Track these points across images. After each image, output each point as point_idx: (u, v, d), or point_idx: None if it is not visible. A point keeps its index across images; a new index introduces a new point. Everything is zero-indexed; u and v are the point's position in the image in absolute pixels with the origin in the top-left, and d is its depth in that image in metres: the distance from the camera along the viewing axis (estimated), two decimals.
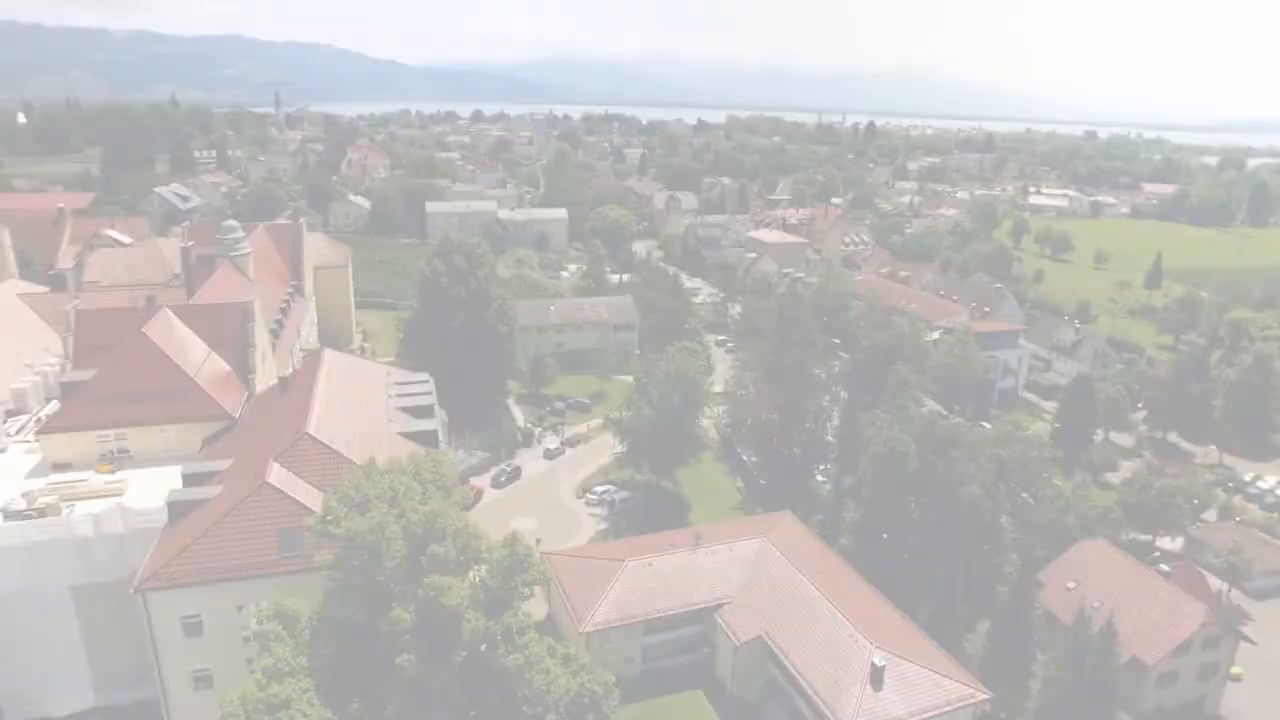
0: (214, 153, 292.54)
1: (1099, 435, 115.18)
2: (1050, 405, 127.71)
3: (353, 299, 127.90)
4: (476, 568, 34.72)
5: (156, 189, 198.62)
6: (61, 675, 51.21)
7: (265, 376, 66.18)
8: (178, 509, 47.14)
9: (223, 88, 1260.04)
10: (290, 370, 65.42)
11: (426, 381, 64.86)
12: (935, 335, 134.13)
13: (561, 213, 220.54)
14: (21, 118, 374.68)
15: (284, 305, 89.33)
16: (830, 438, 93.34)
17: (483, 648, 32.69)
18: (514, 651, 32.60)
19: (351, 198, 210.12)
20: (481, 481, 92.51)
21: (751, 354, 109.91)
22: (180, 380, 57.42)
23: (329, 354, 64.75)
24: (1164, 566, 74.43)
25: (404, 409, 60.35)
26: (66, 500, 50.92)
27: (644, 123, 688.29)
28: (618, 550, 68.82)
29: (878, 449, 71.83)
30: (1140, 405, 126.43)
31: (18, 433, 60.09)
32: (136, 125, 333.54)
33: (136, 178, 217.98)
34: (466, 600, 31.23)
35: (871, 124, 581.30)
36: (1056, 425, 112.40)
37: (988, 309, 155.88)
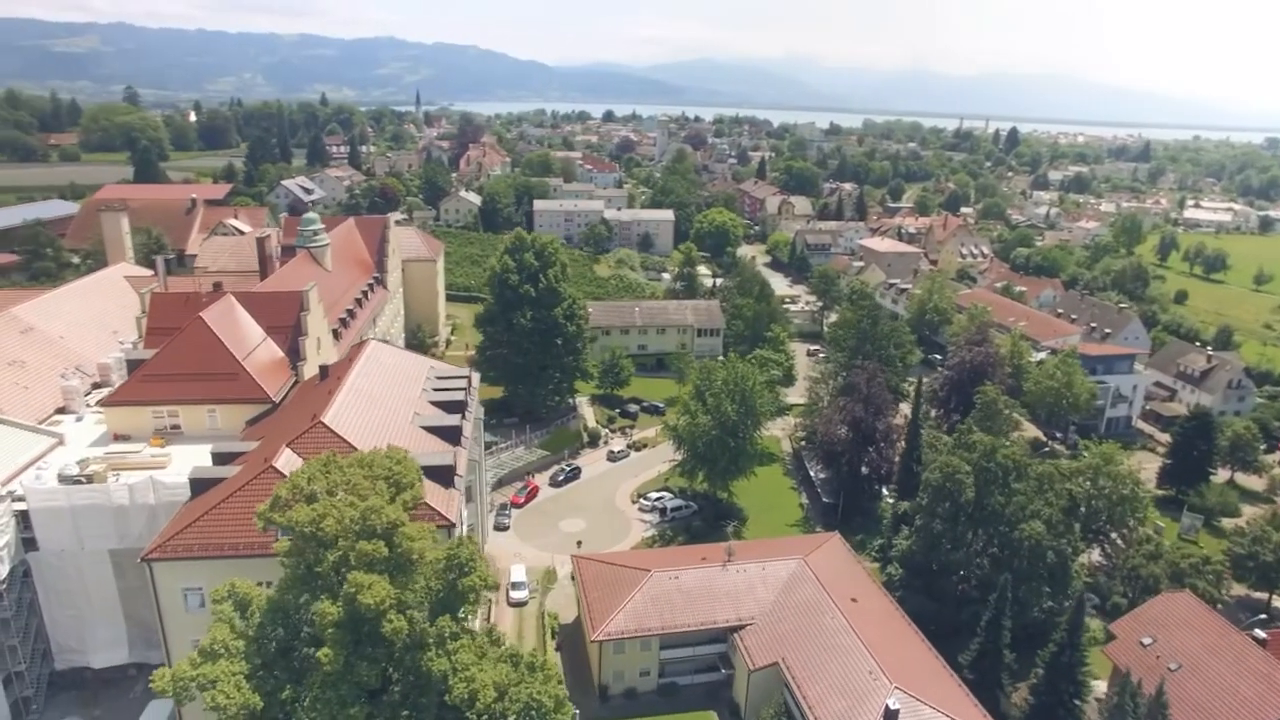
0: (347, 148, 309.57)
1: (1222, 476, 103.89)
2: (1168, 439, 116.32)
3: (443, 292, 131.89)
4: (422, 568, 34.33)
5: (284, 181, 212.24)
6: (101, 631, 54.96)
7: (324, 363, 68.76)
8: (198, 485, 49.55)
9: (374, 86, 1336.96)
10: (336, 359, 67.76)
11: (464, 377, 65.55)
12: (1041, 356, 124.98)
13: (668, 214, 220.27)
14: (192, 116, 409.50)
15: (360, 296, 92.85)
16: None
17: (407, 650, 32.27)
18: (441, 657, 32.01)
19: (463, 194, 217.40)
20: (540, 479, 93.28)
21: (829, 366, 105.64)
22: (229, 363, 60.53)
23: (373, 344, 66.54)
24: (1259, 632, 65.74)
25: (436, 403, 61.25)
26: (114, 469, 54.54)
27: (775, 125, 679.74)
28: (646, 560, 67.37)
29: (932, 475, 67.28)
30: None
31: (96, 404, 64.94)
32: (286, 122, 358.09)
33: (274, 170, 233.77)
34: (391, 599, 30.82)
35: (1013, 130, 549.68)
36: (1167, 461, 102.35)
37: (1108, 330, 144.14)
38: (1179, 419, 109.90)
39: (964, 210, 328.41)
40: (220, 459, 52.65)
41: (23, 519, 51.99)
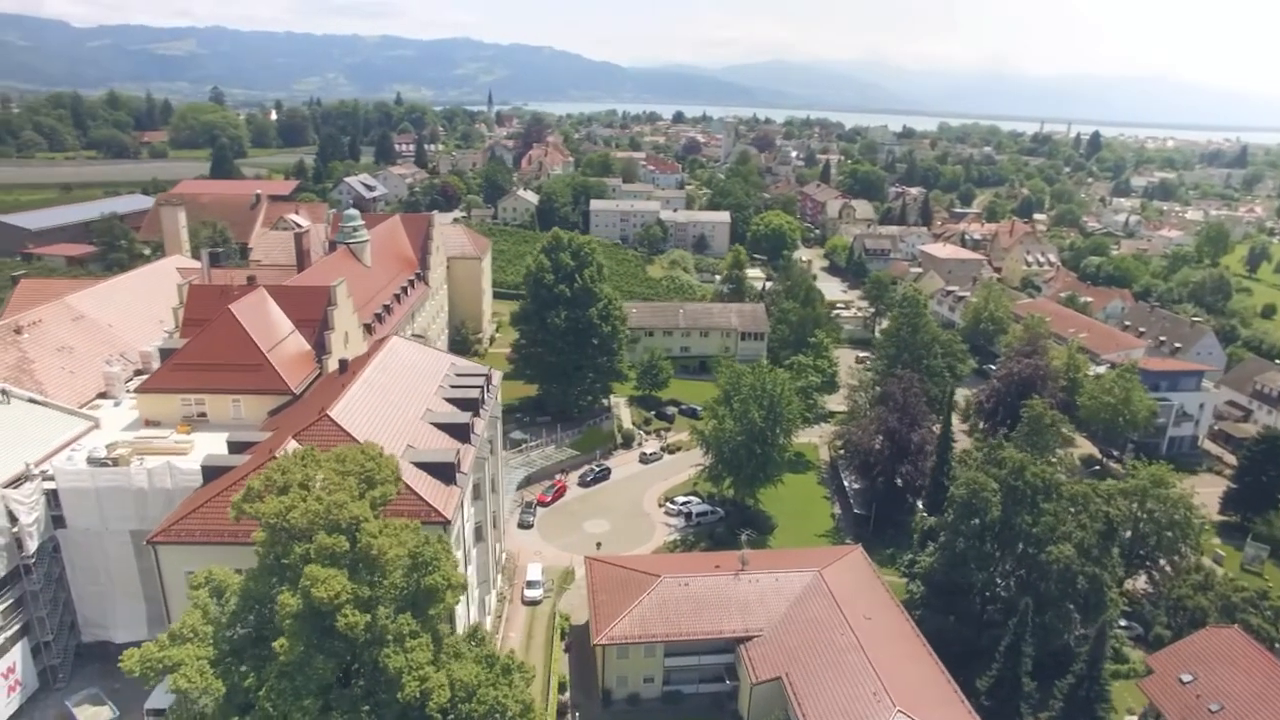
0: (414, 147, 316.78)
1: None
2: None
3: (489, 290, 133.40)
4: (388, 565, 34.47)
5: (347, 178, 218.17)
6: (122, 608, 57.10)
7: (353, 356, 70.18)
8: (209, 472, 50.93)
9: (451, 86, 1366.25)
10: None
11: (483, 376, 65.90)
12: (1100, 370, 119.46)
13: (724, 216, 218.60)
14: (273, 115, 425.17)
15: (399, 292, 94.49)
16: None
17: (367, 646, 32.42)
18: (398, 654, 32.04)
19: (520, 193, 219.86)
20: (569, 479, 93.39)
21: (868, 374, 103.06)
22: (253, 355, 62.15)
23: (394, 340, 67.49)
24: None
25: (451, 399, 61.73)
26: (139, 454, 56.51)
27: (847, 128, 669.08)
28: (658, 565, 66.70)
29: (958, 490, 64.79)
30: None
31: (131, 390, 67.58)
32: (360, 121, 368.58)
33: (341, 168, 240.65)
34: (348, 594, 30.98)
35: (1095, 134, 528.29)
36: (1233, 486, 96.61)
37: (1178, 345, 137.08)
38: (1248, 440, 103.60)
39: (1036, 217, 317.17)
40: (235, 448, 54.03)
41: (52, 498, 54.44)
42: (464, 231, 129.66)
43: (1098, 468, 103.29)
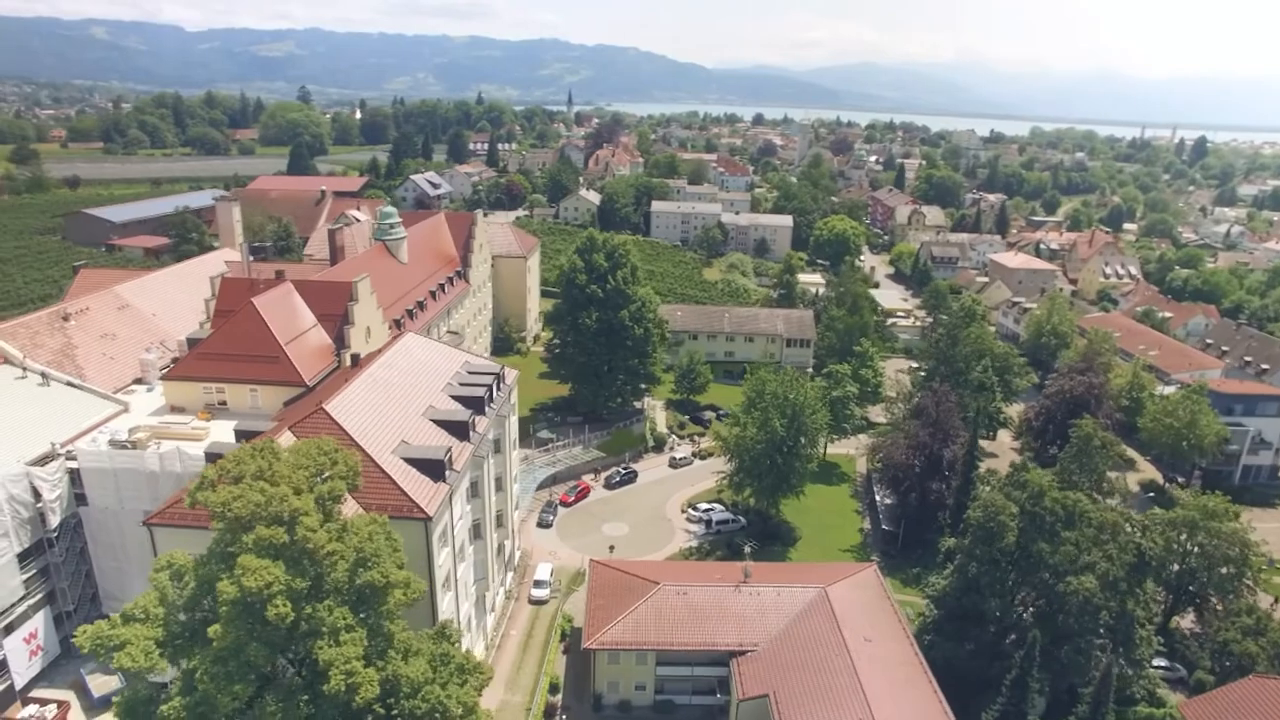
0: (487, 145, 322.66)
1: None
2: None
3: (536, 289, 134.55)
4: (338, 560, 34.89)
5: (413, 176, 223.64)
6: (138, 585, 59.17)
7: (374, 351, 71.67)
8: (212, 459, 52.65)
9: (537, 86, 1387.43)
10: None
11: (492, 374, 66.24)
12: (1169, 390, 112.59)
13: (786, 220, 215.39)
14: (357, 114, 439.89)
15: (436, 289, 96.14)
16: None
17: (304, 637, 32.87)
18: (331, 647, 32.35)
19: (582, 193, 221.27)
20: (595, 480, 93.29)
21: (905, 387, 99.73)
22: (271, 347, 64.08)
23: (408, 336, 68.62)
24: None
25: (457, 397, 62.32)
26: (157, 438, 59.00)
27: (932, 132, 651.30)
28: (660, 571, 65.78)
29: (975, 512, 61.89)
30: None
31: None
32: (439, 119, 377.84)
33: (413, 165, 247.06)
34: (281, 585, 31.44)
35: (1200, 140, 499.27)
36: None
37: (1265, 366, 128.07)
38: None
39: (1126, 227, 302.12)
40: (242, 436, 55.76)
41: (76, 477, 57.36)
42: (512, 230, 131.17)
43: (1152, 494, 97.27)
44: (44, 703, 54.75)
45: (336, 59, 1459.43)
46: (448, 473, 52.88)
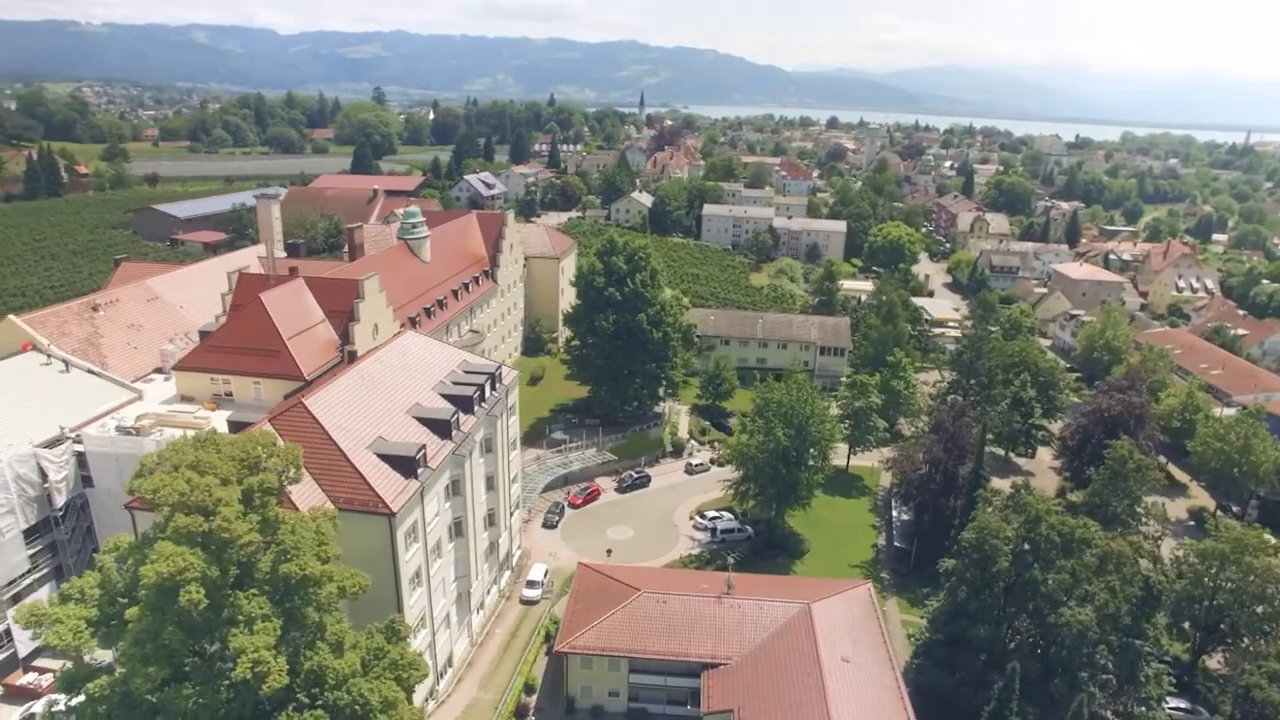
0: (548, 146, 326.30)
1: None
2: None
3: (570, 290, 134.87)
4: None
5: (466, 177, 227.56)
6: None
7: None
8: None
9: (614, 88, 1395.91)
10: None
11: (486, 374, 66.77)
12: (1229, 412, 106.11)
13: (840, 225, 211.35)
14: (430, 115, 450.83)
15: (459, 288, 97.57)
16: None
17: (222, 625, 33.72)
18: (242, 635, 33.06)
19: (634, 195, 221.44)
20: (608, 483, 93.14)
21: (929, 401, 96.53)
22: (274, 341, 65.93)
23: (407, 334, 69.81)
24: None
25: (447, 395, 63.03)
26: (161, 425, 61.42)
27: (1014, 137, 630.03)
28: (645, 578, 65.17)
29: (968, 534, 59.44)
30: None
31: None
32: (509, 120, 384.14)
33: (473, 165, 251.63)
34: (196, 572, 32.30)
35: None
36: None
37: None
38: None
39: (1215, 238, 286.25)
40: (233, 428, 57.60)
41: (83, 460, 60.24)
42: (546, 231, 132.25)
43: (1192, 523, 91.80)
44: (44, 671, 57.66)
45: (419, 61, 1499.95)
46: (420, 470, 53.55)
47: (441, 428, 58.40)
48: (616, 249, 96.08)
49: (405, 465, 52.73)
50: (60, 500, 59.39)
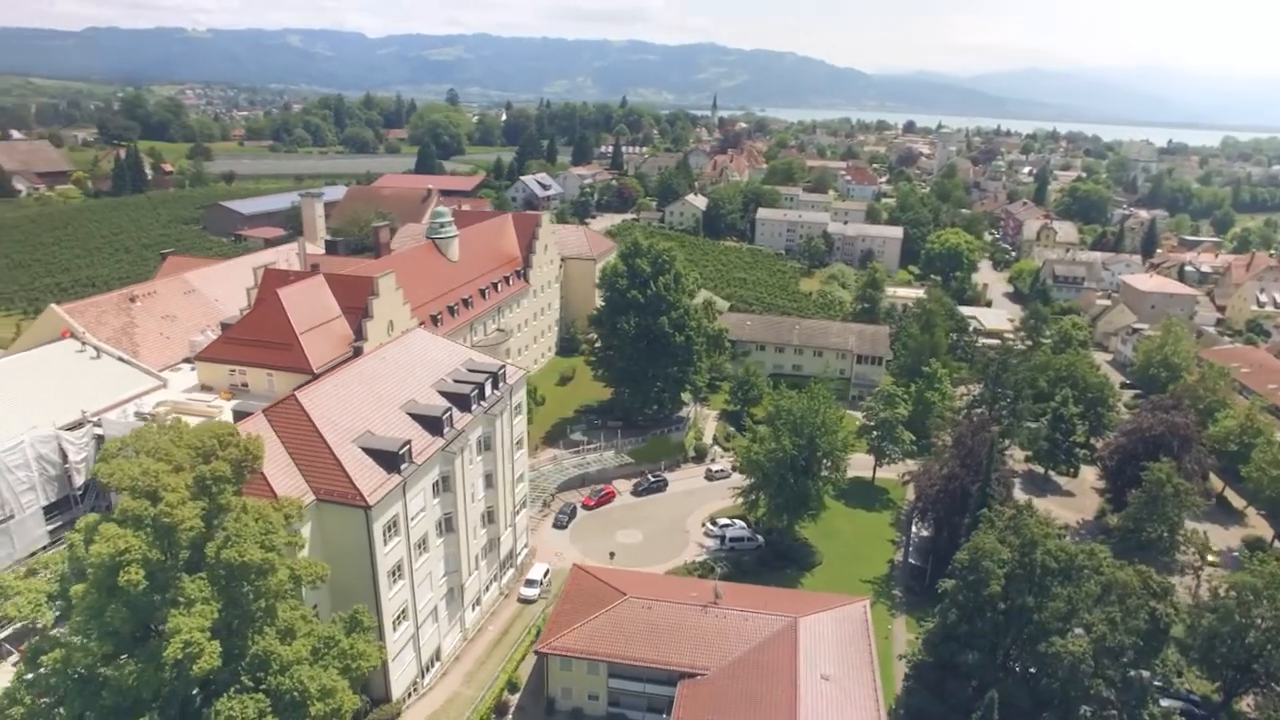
0: (611, 148, 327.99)
1: None
2: None
3: None
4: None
5: (522, 178, 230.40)
6: None
7: None
8: None
9: (692, 90, 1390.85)
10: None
11: (491, 374, 67.56)
12: None
13: (896, 231, 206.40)
14: (503, 116, 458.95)
15: (487, 288, 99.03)
16: None
17: (162, 606, 35.11)
18: (179, 616, 34.32)
19: (688, 198, 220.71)
20: (624, 486, 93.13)
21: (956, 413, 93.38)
22: (287, 335, 68.28)
23: (415, 332, 71.18)
24: None
25: (446, 392, 64.09)
26: (177, 413, 64.00)
27: (1102, 142, 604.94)
28: (636, 583, 64.87)
29: (961, 556, 57.36)
30: None
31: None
32: (578, 121, 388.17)
33: (534, 166, 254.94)
34: (138, 554, 33.74)
35: None
36: None
37: None
38: None
39: None
40: (237, 417, 59.85)
41: (102, 443, 63.41)
42: (585, 232, 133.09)
43: (1236, 554, 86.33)
44: None
45: (500, 63, 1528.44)
46: (404, 465, 54.60)
47: (433, 424, 59.40)
48: (641, 251, 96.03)
49: (388, 460, 53.84)
50: (79, 480, 62.51)
